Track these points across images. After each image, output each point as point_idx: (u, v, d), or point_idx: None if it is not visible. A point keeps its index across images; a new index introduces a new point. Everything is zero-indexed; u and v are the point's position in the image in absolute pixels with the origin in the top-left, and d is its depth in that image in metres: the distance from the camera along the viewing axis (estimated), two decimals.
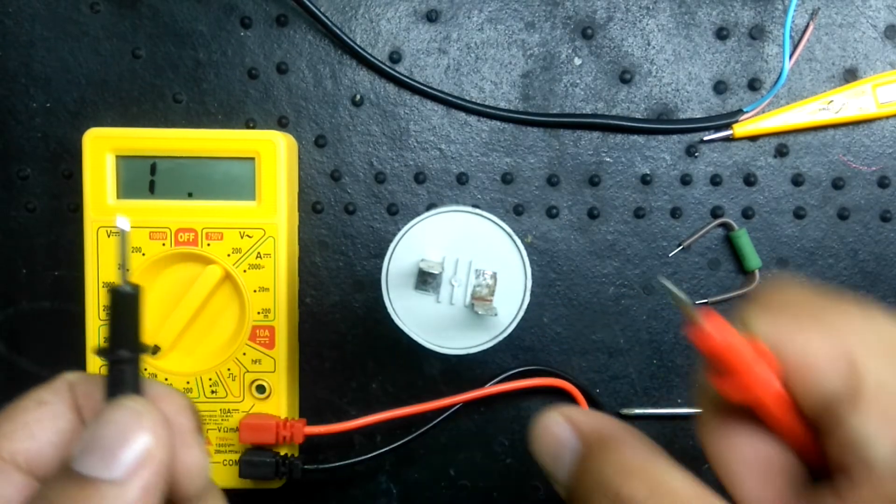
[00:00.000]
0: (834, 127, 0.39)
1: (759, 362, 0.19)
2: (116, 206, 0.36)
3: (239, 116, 0.39)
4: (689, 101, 0.39)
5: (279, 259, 0.36)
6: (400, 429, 0.38)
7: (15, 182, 0.39)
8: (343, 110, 0.39)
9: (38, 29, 0.38)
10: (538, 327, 0.39)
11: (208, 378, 0.36)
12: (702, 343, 0.20)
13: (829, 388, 0.18)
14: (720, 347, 0.19)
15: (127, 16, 0.39)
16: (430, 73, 0.39)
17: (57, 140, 0.39)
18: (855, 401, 0.18)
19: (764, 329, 0.19)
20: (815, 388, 0.19)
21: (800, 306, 0.20)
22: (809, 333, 0.19)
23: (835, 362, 0.18)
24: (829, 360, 0.18)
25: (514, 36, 0.39)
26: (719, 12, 0.39)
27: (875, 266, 0.39)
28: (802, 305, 0.20)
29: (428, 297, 0.30)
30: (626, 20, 0.39)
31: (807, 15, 0.38)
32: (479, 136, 0.39)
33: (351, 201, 0.39)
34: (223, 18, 0.39)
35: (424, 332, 0.30)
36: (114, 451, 0.20)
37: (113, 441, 0.20)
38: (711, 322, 0.19)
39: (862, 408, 0.18)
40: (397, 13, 0.39)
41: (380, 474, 0.39)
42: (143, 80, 0.39)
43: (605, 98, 0.39)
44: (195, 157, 0.36)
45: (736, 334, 0.19)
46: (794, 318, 0.19)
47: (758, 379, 0.19)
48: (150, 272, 0.36)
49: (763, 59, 0.39)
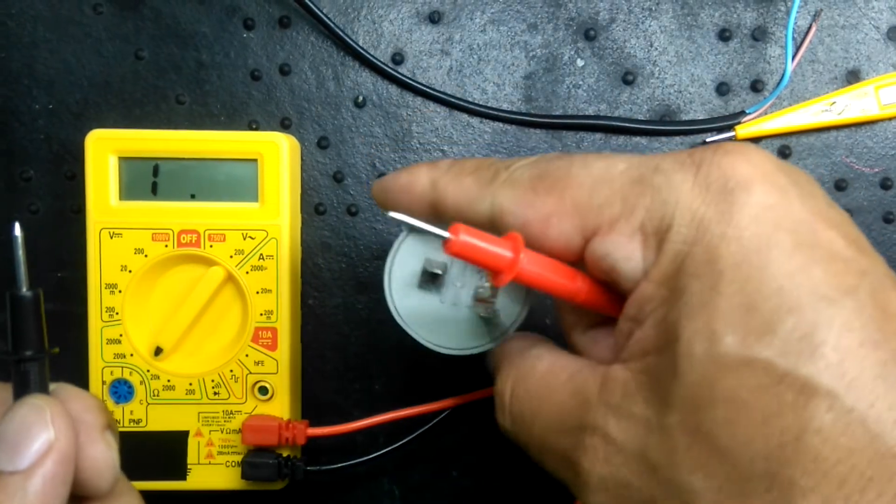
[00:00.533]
0: (836, 128, 0.39)
1: (508, 248, 0.23)
2: (119, 208, 0.36)
3: (241, 118, 0.39)
4: (692, 103, 0.39)
5: (282, 260, 0.36)
6: (403, 430, 0.38)
7: (18, 184, 0.39)
8: (346, 112, 0.39)
9: (40, 30, 0.38)
10: (540, 330, 0.39)
11: (211, 380, 0.36)
12: (451, 251, 0.23)
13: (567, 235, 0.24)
14: (466, 249, 0.23)
15: (129, 17, 0.39)
16: (433, 75, 0.39)
17: (59, 142, 0.39)
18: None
19: (508, 210, 0.24)
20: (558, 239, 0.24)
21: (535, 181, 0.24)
22: (542, 198, 0.24)
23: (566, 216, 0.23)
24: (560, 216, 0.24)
25: (516, 37, 0.39)
26: (722, 14, 0.39)
27: None
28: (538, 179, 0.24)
29: (431, 297, 0.30)
30: (628, 22, 0.39)
31: (809, 16, 0.38)
32: (481, 137, 0.39)
33: (353, 203, 0.39)
34: (226, 20, 0.39)
35: (427, 332, 0.30)
36: (17, 444, 0.21)
37: (16, 435, 0.21)
38: (457, 230, 0.22)
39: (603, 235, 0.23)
40: (400, 15, 0.39)
41: (382, 476, 0.39)
42: (145, 82, 0.39)
43: (608, 100, 0.39)
44: (198, 158, 0.36)
45: (480, 235, 0.23)
46: (530, 190, 0.24)
47: (507, 263, 0.23)
48: (152, 274, 0.36)
49: (766, 61, 0.39)
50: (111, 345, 0.36)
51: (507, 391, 0.26)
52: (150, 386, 0.36)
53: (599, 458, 0.22)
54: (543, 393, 0.25)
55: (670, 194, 0.21)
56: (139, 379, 0.36)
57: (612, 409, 0.22)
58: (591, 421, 0.22)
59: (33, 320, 0.23)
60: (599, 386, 0.23)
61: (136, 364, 0.36)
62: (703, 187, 0.21)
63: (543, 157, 0.25)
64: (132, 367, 0.36)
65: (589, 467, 0.22)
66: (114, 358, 0.36)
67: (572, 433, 0.23)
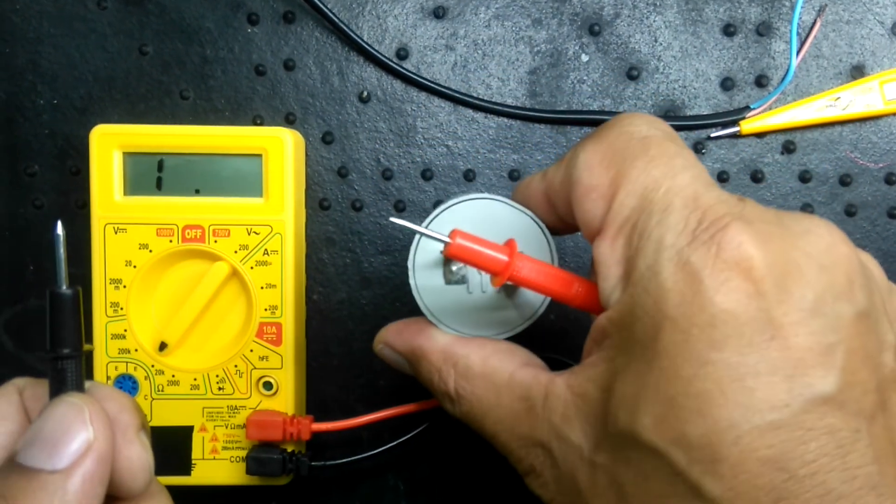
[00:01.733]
0: (841, 124, 0.39)
1: (503, 252, 0.25)
2: (124, 203, 0.36)
3: (246, 113, 0.39)
4: (696, 98, 0.39)
5: (286, 256, 0.36)
6: (407, 426, 0.38)
7: (22, 179, 0.39)
8: (350, 107, 0.39)
9: (45, 26, 0.38)
10: (544, 323, 0.39)
11: (215, 375, 0.36)
12: (451, 254, 0.25)
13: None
14: (464, 252, 0.25)
15: (134, 12, 0.39)
16: (438, 70, 0.39)
17: (64, 137, 0.39)
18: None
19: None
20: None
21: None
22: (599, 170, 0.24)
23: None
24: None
25: (521, 33, 0.39)
26: (726, 9, 0.39)
27: (882, 262, 0.39)
28: None
29: (459, 289, 0.30)
30: (633, 17, 0.39)
31: (814, 12, 0.38)
32: (486, 132, 0.39)
33: (358, 198, 0.39)
34: (230, 15, 0.39)
35: (452, 321, 0.30)
36: (56, 444, 0.21)
37: (55, 434, 0.21)
38: (455, 236, 0.25)
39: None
40: (404, 10, 0.39)
41: (387, 471, 0.39)
42: (150, 77, 0.39)
43: (612, 95, 0.39)
44: (202, 153, 0.36)
45: (478, 241, 0.25)
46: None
47: (502, 265, 0.25)
48: (157, 269, 0.36)
49: (770, 56, 0.39)
50: (116, 340, 0.36)
51: (450, 390, 0.27)
52: (154, 381, 0.36)
53: (545, 474, 0.24)
54: (489, 394, 0.26)
55: (656, 254, 0.21)
56: (144, 374, 0.36)
57: (555, 428, 0.23)
58: (538, 435, 0.24)
59: (72, 318, 0.23)
60: (543, 398, 0.24)
61: (141, 359, 0.36)
62: (680, 264, 0.20)
63: (632, 121, 0.24)
64: (137, 363, 0.36)
65: (534, 482, 0.24)
66: (118, 353, 0.36)
67: (523, 440, 0.24)
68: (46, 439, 0.21)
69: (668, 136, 0.24)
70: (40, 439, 0.21)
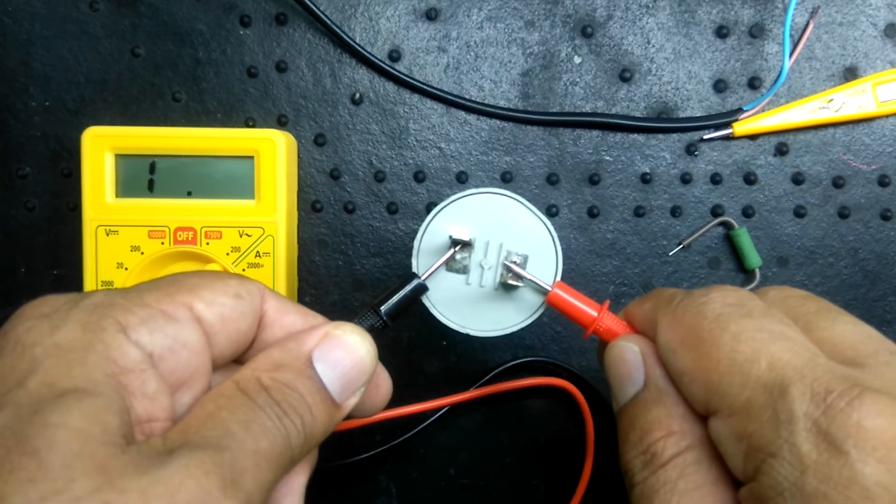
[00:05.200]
0: (834, 125, 0.39)
1: (595, 309, 0.28)
2: (115, 205, 0.36)
3: (238, 115, 0.39)
4: (689, 100, 0.39)
5: (278, 258, 0.36)
6: (400, 428, 0.38)
7: (14, 181, 0.39)
8: (342, 109, 0.39)
9: (37, 28, 0.38)
10: (538, 326, 0.39)
11: None
12: (549, 303, 0.28)
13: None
14: (560, 302, 0.28)
15: (126, 15, 0.38)
16: (430, 72, 0.39)
17: (56, 139, 0.39)
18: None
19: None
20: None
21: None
22: (684, 352, 0.24)
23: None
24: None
25: (513, 34, 0.39)
26: (719, 11, 0.39)
27: (875, 265, 0.39)
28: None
29: (458, 278, 0.30)
30: (625, 18, 0.39)
31: (807, 13, 0.38)
32: (478, 134, 0.39)
33: (350, 200, 0.39)
34: (222, 17, 0.38)
35: (452, 313, 0.30)
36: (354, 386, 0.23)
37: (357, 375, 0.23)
38: (555, 287, 0.28)
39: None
40: (397, 12, 0.39)
41: (380, 473, 0.39)
42: (142, 79, 0.39)
43: (605, 96, 0.39)
44: (194, 155, 0.36)
45: (575, 294, 0.28)
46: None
47: (592, 319, 0.28)
48: (148, 271, 0.36)
49: (763, 58, 0.39)
50: None
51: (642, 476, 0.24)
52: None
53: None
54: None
55: (788, 426, 0.20)
56: None
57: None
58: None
59: (407, 302, 0.28)
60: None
61: None
62: (819, 434, 0.20)
63: (706, 300, 0.24)
64: None
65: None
66: None
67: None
68: (343, 368, 0.23)
69: (742, 309, 0.23)
70: (353, 370, 0.23)
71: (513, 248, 0.30)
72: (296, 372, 0.22)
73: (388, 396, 0.27)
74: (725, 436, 0.22)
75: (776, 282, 0.39)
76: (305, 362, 0.22)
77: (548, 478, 0.39)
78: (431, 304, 0.29)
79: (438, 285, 0.29)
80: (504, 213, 0.30)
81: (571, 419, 0.39)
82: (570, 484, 0.39)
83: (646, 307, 0.26)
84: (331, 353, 0.23)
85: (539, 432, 0.39)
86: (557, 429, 0.39)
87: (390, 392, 0.27)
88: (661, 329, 0.25)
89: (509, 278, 0.29)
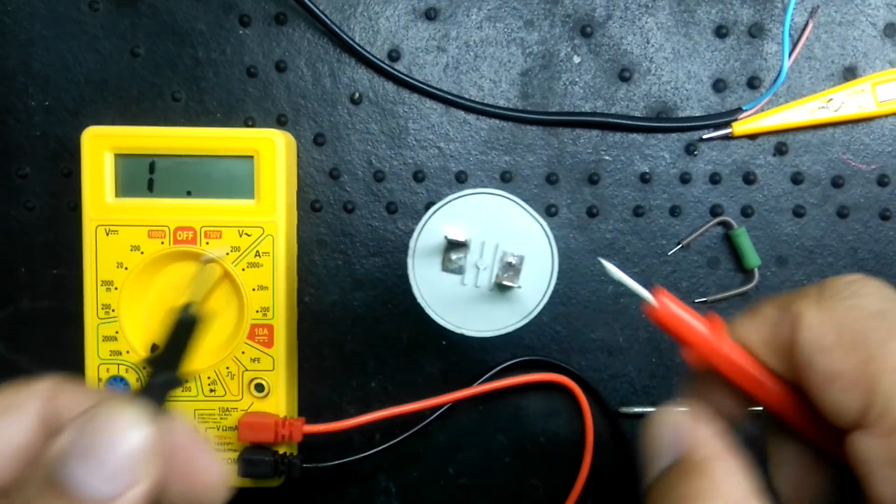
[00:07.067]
0: (833, 125, 0.39)
1: (708, 328, 0.23)
2: (115, 205, 0.36)
3: (238, 115, 0.39)
4: (689, 100, 0.39)
5: (278, 257, 0.36)
6: (399, 427, 0.38)
7: (14, 181, 0.39)
8: (342, 108, 0.39)
9: (37, 27, 0.38)
10: (537, 325, 0.39)
11: (207, 377, 0.36)
12: (651, 316, 0.23)
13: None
14: (666, 317, 0.23)
15: (126, 14, 0.38)
16: (429, 72, 0.39)
17: (56, 139, 0.39)
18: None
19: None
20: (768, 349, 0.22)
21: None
22: (839, 354, 0.21)
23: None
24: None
25: (513, 34, 0.39)
26: (718, 10, 0.39)
27: (875, 264, 0.39)
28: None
29: (453, 278, 0.30)
30: (625, 18, 0.39)
31: (806, 13, 0.38)
32: (477, 134, 0.39)
33: (350, 200, 0.39)
34: (222, 17, 0.39)
35: (447, 313, 0.30)
36: (111, 462, 0.18)
37: (110, 448, 0.18)
38: (659, 296, 0.23)
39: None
40: (396, 11, 0.39)
41: (379, 473, 0.39)
42: (142, 79, 0.39)
43: (605, 96, 0.39)
44: (194, 155, 0.36)
45: (682, 306, 0.23)
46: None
47: (704, 341, 0.23)
48: (148, 271, 0.36)
49: (762, 58, 0.39)
50: (107, 342, 0.36)
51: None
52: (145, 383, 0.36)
53: None
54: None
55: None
56: (135, 376, 0.36)
57: None
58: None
59: (187, 343, 0.22)
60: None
61: (132, 361, 0.36)
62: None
63: (856, 290, 0.21)
64: (128, 365, 0.36)
65: None
66: (110, 355, 0.36)
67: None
68: (98, 454, 0.18)
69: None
70: (91, 453, 0.18)
71: (509, 248, 0.30)
72: (38, 485, 0.18)
73: (217, 485, 0.21)
74: (877, 455, 0.19)
75: (775, 282, 0.39)
76: (51, 468, 0.18)
77: (547, 478, 0.39)
78: (427, 304, 0.29)
79: (434, 286, 0.29)
80: (500, 213, 0.30)
81: (570, 419, 0.39)
82: (569, 484, 0.39)
83: (767, 311, 0.23)
84: (86, 446, 0.18)
85: (538, 432, 0.39)
86: (556, 429, 0.39)
87: (220, 480, 0.21)
88: (806, 324, 0.21)
89: (506, 279, 0.29)
